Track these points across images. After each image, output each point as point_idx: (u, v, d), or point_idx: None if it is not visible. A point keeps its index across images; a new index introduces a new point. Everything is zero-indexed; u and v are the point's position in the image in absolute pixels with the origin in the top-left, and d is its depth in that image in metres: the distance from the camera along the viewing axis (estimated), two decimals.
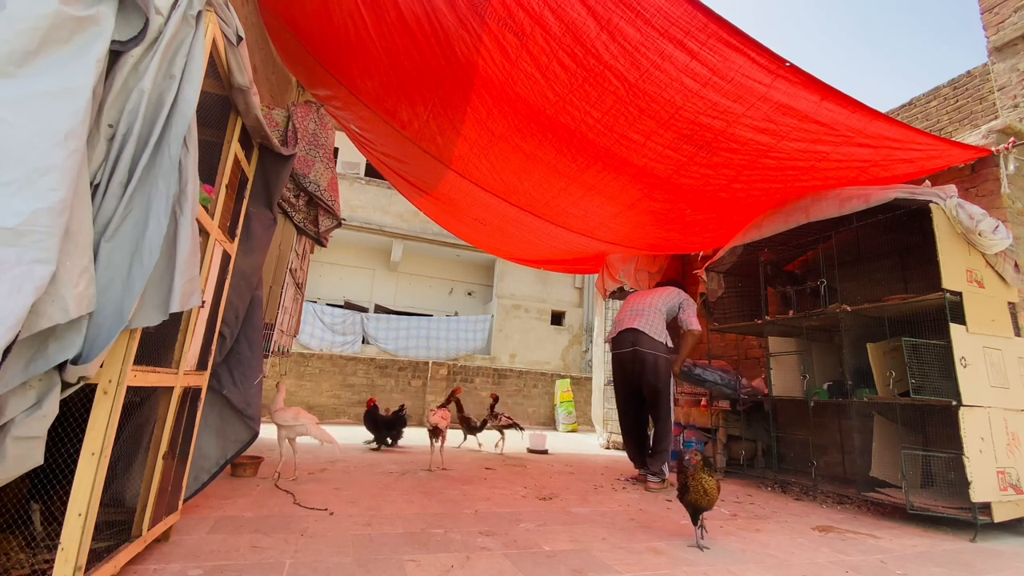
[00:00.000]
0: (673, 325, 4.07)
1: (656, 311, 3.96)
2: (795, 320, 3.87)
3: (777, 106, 2.61)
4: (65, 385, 1.11)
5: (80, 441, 1.23)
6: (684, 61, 2.44)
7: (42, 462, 1.07)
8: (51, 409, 1.07)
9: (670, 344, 3.91)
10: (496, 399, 5.68)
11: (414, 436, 5.88)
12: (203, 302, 1.77)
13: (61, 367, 1.09)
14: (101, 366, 1.24)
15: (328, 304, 10.74)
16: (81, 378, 1.13)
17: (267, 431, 3.47)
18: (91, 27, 1.13)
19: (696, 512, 2.21)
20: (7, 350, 0.98)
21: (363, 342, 10.27)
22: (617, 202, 3.90)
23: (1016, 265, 3.15)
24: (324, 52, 3.53)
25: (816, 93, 2.51)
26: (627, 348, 3.93)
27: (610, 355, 6.45)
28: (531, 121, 3.13)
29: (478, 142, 3.56)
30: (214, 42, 1.54)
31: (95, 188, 1.20)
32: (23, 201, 0.99)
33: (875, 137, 2.83)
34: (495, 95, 3.02)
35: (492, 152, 3.62)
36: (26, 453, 1.03)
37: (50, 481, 1.35)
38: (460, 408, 5.31)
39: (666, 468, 3.74)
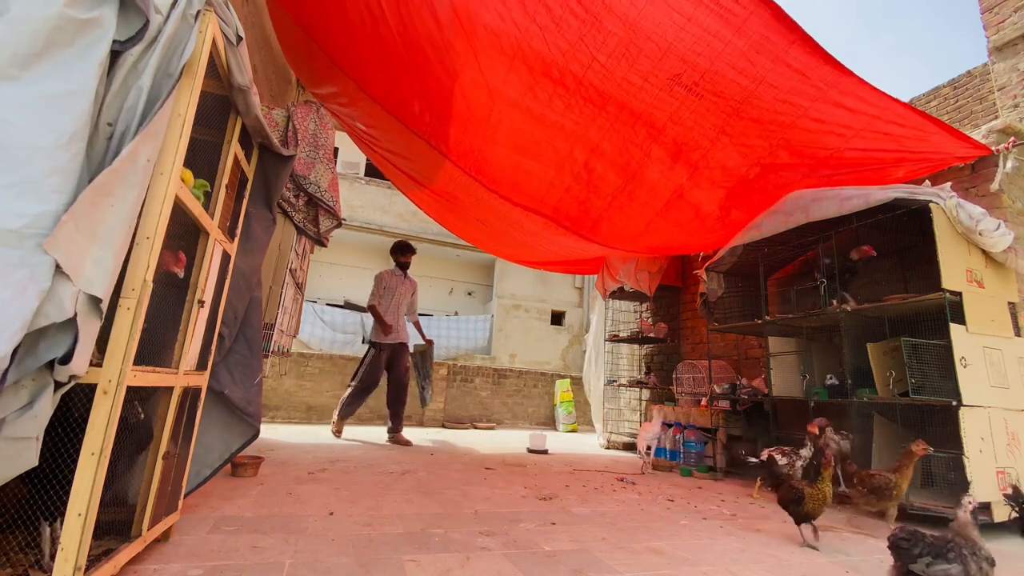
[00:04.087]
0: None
1: None
2: (795, 320, 3.87)
3: (751, 42, 2.73)
4: (58, 385, 1.10)
5: (79, 441, 1.23)
6: None
7: (36, 463, 1.06)
8: (43, 409, 1.06)
9: (373, 339, 5.31)
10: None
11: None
12: (203, 302, 1.77)
13: (51, 367, 1.08)
14: (100, 365, 1.24)
15: (328, 304, 10.74)
16: (72, 377, 1.12)
17: (263, 430, 3.45)
18: (94, 30, 1.13)
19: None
20: (14, 353, 0.98)
21: (363, 342, 10.27)
22: (617, 166, 3.87)
23: None
24: (335, 45, 3.54)
25: (788, 32, 2.63)
26: None
27: (612, 354, 6.49)
28: (543, 75, 3.22)
29: (488, 119, 3.58)
30: (214, 42, 1.54)
31: None
32: (27, 203, 1.00)
33: (849, 96, 2.88)
34: (511, 54, 3.12)
35: (503, 126, 3.63)
36: (18, 454, 1.02)
37: (50, 483, 1.35)
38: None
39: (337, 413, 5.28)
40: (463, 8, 2.91)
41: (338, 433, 5.31)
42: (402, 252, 5.66)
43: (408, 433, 5.31)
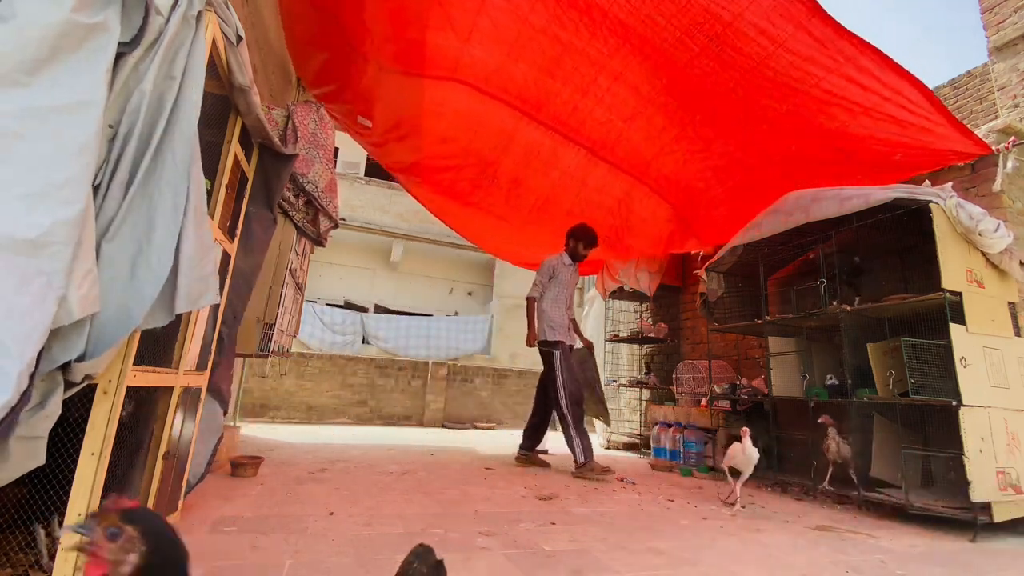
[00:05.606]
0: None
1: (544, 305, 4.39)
2: (795, 320, 3.86)
3: (776, 4, 2.76)
4: (68, 385, 1.11)
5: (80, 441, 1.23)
6: None
7: (44, 462, 1.07)
8: (54, 409, 1.08)
9: (546, 337, 4.32)
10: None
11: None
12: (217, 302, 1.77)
13: (64, 367, 1.09)
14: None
15: (328, 304, 10.73)
16: (86, 376, 1.13)
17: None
18: (100, 34, 1.14)
19: None
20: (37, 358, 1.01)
21: (363, 342, 10.26)
22: (639, 95, 3.95)
23: (1022, 262, 3.14)
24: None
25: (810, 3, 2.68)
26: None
27: (612, 355, 6.49)
28: (570, 7, 3.30)
29: (516, 41, 3.67)
30: (214, 42, 1.54)
31: (96, 189, 1.20)
32: (43, 213, 1.02)
33: (864, 74, 2.92)
34: None
35: (530, 48, 3.72)
36: (29, 452, 1.04)
37: (49, 483, 1.35)
38: None
39: (578, 451, 3.97)
40: None
41: (605, 471, 3.94)
42: (588, 243, 4.54)
43: (407, 433, 5.25)
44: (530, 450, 4.43)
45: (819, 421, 3.36)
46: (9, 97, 1.04)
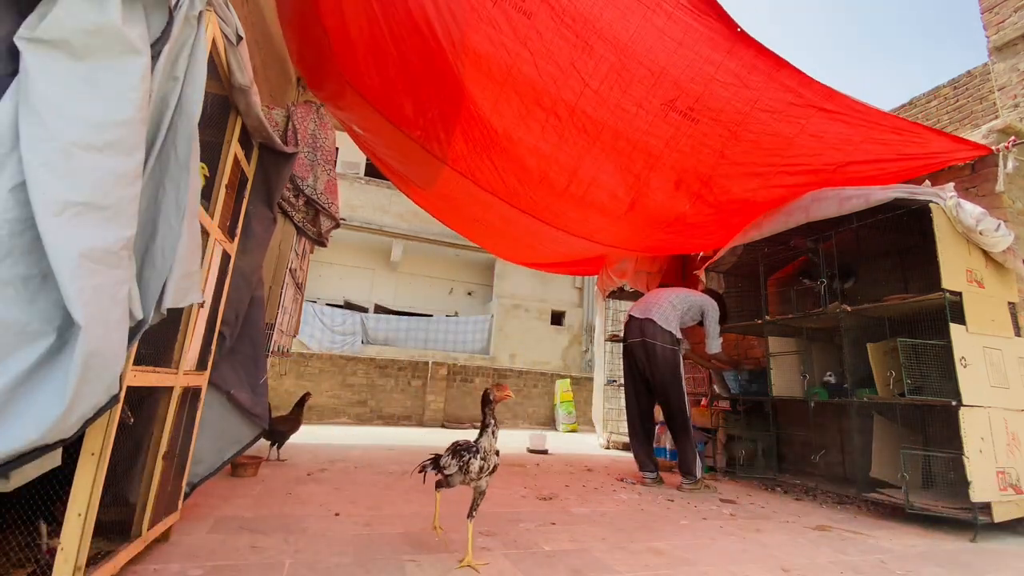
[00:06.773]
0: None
1: (670, 305, 3.94)
2: (795, 320, 3.86)
3: (742, 63, 2.74)
4: None
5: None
6: (662, 23, 2.63)
7: (60, 463, 1.08)
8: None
9: (677, 336, 3.88)
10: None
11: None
12: (202, 301, 1.77)
13: None
14: None
15: (328, 304, 10.73)
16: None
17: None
18: (136, 58, 1.17)
19: None
20: None
21: (363, 342, 10.26)
22: (617, 197, 3.84)
23: None
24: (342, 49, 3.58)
25: (768, 59, 2.68)
26: (635, 338, 3.92)
27: (612, 354, 6.48)
28: (535, 104, 3.15)
29: (480, 141, 3.55)
30: (214, 42, 1.54)
31: None
32: (117, 228, 1.10)
33: (846, 109, 2.91)
34: (500, 80, 3.05)
35: (495, 150, 3.60)
36: (49, 455, 1.05)
37: (51, 483, 1.34)
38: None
39: (697, 468, 3.62)
40: (456, 34, 2.88)
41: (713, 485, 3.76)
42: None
43: (407, 432, 5.23)
44: (658, 468, 3.97)
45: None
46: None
